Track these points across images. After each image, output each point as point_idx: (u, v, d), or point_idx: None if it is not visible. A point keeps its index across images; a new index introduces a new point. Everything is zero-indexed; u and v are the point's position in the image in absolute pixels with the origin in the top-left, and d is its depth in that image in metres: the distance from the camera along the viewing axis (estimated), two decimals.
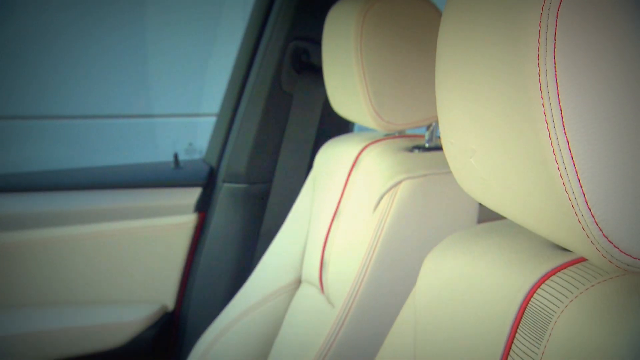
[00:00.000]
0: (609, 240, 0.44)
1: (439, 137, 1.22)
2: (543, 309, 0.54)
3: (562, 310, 0.52)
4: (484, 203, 0.58)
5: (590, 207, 0.44)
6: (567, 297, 0.53)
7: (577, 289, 0.53)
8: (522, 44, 0.46)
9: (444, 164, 1.10)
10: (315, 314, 1.22)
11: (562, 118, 0.44)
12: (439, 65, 0.59)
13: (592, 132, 0.44)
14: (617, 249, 0.44)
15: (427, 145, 1.18)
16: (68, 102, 3.35)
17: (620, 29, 0.43)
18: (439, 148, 1.17)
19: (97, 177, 1.65)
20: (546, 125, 0.44)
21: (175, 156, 1.69)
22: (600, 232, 0.44)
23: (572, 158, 0.44)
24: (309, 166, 1.49)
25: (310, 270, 1.26)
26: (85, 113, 3.38)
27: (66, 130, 3.40)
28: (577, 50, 0.44)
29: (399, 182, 1.07)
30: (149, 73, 3.52)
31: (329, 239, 1.22)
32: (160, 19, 3.52)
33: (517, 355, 0.55)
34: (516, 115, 0.48)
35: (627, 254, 0.44)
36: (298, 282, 1.32)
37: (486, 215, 1.08)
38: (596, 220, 0.44)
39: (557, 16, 0.43)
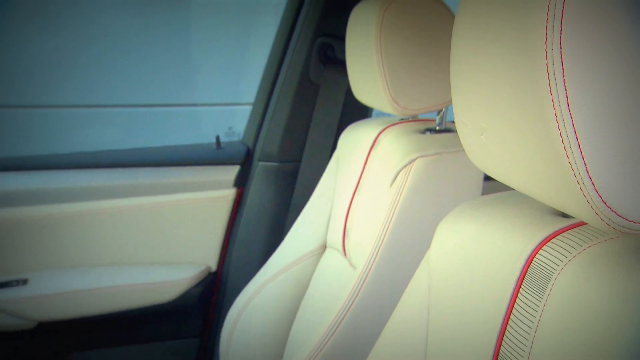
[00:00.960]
0: (607, 205, 0.43)
1: (451, 122, 1.21)
2: (545, 267, 0.54)
3: (562, 268, 0.52)
4: (492, 175, 0.57)
5: (590, 176, 0.43)
6: (566, 257, 0.52)
7: (575, 249, 0.52)
8: (531, 32, 0.45)
9: (453, 144, 1.10)
10: (339, 275, 1.22)
11: (567, 97, 0.43)
12: (454, 53, 0.58)
13: (594, 110, 0.43)
14: (614, 213, 0.43)
15: (437, 128, 1.17)
16: (133, 93, 3.41)
17: (618, 18, 0.42)
18: (448, 130, 1.16)
19: (152, 156, 1.66)
20: (552, 103, 0.43)
21: (217, 138, 1.69)
22: (600, 198, 0.43)
23: (575, 132, 0.43)
24: (333, 147, 1.49)
25: (334, 237, 1.26)
26: (145, 102, 3.45)
27: (129, 117, 3.47)
28: (581, 36, 0.43)
29: (413, 160, 1.07)
30: (194, 69, 3.56)
31: (351, 210, 1.22)
32: (205, 29, 3.57)
33: (521, 307, 0.55)
34: (524, 96, 0.47)
35: (623, 217, 0.43)
36: (323, 247, 1.32)
37: (489, 190, 1.07)
38: (596, 187, 0.43)
39: (563, 6, 0.42)
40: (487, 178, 1.16)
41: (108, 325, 1.55)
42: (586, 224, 0.55)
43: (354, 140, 1.29)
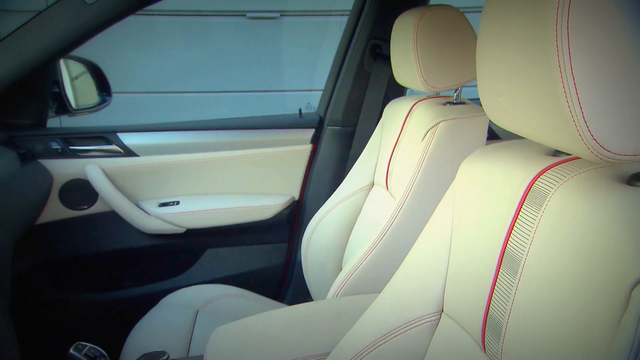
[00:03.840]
0: (597, 142, 0.40)
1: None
2: (542, 190, 0.51)
3: (555, 190, 0.49)
4: (506, 127, 0.54)
5: (586, 121, 0.40)
6: (558, 182, 0.49)
7: (566, 177, 0.49)
8: (544, 14, 0.41)
9: (466, 112, 1.05)
10: (383, 203, 1.21)
11: (571, 64, 0.40)
12: (481, 37, 0.54)
13: (591, 73, 0.40)
14: (602, 147, 0.40)
15: (454, 101, 1.12)
16: (242, 82, 3.48)
17: (614, 7, 0.39)
18: (462, 103, 1.12)
19: (258, 122, 1.65)
20: (559, 69, 0.40)
21: (300, 110, 1.67)
22: (592, 136, 0.40)
23: (577, 90, 0.40)
24: (379, 116, 1.46)
25: (380, 176, 1.24)
26: (253, 89, 3.54)
27: (246, 99, 3.56)
28: (585, 17, 0.39)
29: (438, 123, 1.03)
30: (285, 67, 3.60)
31: (392, 157, 1.19)
32: (291, 39, 3.58)
33: (523, 218, 0.52)
34: (536, 65, 0.43)
35: (608, 150, 0.40)
36: (372, 184, 1.30)
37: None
38: (589, 129, 0.40)
39: None
40: (488, 139, 1.11)
41: (229, 232, 1.58)
42: (574, 160, 0.52)
43: (395, 111, 1.26)
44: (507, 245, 0.53)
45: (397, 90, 1.56)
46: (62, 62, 1.44)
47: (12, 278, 1.04)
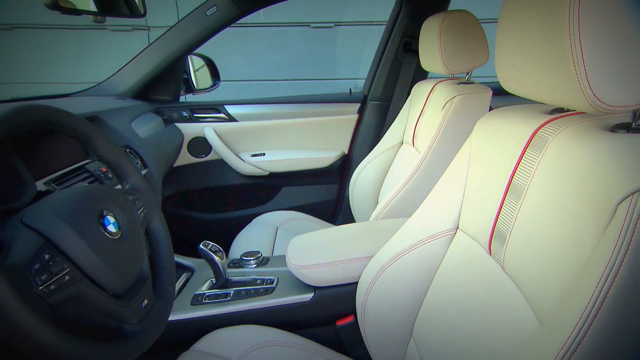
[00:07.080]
0: (595, 97, 0.37)
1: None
2: (543, 137, 0.48)
3: (554, 137, 0.46)
4: (516, 93, 0.50)
5: (589, 81, 0.37)
6: (557, 131, 0.46)
7: (563, 127, 0.46)
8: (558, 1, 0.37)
9: (475, 89, 0.99)
10: (409, 156, 1.18)
11: (580, 36, 0.36)
12: (501, 19, 0.50)
13: (596, 43, 0.36)
14: (599, 101, 0.38)
15: (466, 81, 1.06)
16: (308, 72, 3.48)
17: None
18: (471, 83, 1.05)
19: (321, 98, 1.62)
20: (569, 41, 0.37)
21: (350, 89, 1.64)
22: (592, 92, 0.37)
23: (583, 57, 0.36)
24: (408, 94, 1.40)
25: (408, 136, 1.21)
26: (314, 77, 3.51)
27: (309, 85, 3.56)
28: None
29: (454, 97, 0.98)
30: (336, 62, 3.53)
31: (418, 122, 1.16)
32: (342, 43, 3.50)
33: (527, 158, 0.50)
34: (548, 38, 0.40)
35: (604, 103, 0.38)
36: (401, 143, 1.28)
37: None
38: (591, 88, 0.37)
39: None
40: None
41: (298, 175, 1.60)
42: (569, 115, 0.48)
43: (420, 90, 1.21)
44: (513, 178, 0.51)
45: (421, 75, 1.49)
46: (189, 57, 1.48)
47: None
